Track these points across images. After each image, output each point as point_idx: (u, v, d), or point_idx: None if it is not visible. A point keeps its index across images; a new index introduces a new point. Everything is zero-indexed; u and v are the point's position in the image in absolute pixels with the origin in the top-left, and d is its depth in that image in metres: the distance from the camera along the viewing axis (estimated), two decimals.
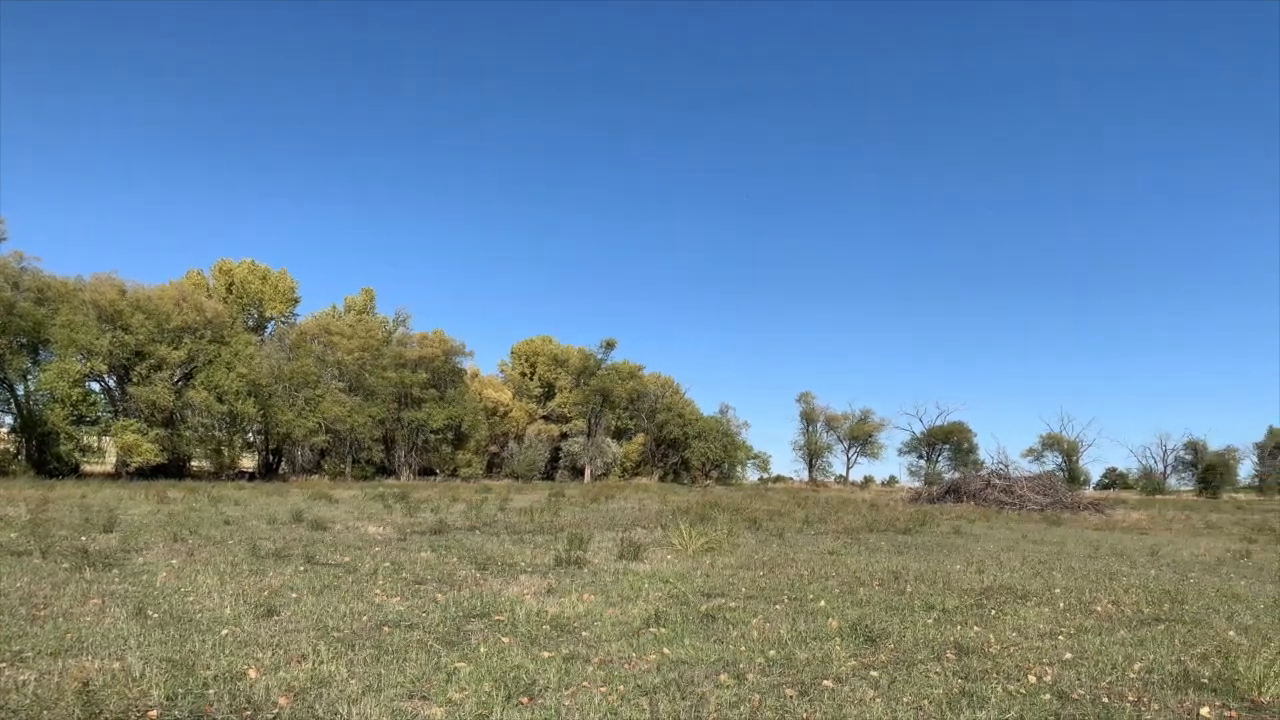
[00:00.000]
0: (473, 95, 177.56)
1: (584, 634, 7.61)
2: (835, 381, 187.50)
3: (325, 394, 60.75)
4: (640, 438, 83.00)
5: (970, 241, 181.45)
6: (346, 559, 12.49)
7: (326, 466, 64.83)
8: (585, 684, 5.95)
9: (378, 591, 9.63)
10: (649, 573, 11.65)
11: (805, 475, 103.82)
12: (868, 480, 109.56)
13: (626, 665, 6.52)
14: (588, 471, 76.67)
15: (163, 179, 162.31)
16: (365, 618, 8.11)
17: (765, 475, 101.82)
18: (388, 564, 11.98)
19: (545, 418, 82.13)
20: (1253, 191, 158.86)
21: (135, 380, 49.61)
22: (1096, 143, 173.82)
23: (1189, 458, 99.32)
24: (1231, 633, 8.68)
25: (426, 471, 70.83)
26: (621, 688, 5.88)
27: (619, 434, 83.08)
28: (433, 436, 68.86)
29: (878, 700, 5.74)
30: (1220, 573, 14.70)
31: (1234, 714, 5.67)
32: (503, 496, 34.33)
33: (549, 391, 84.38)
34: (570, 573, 11.52)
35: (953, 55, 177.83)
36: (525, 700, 5.57)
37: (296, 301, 73.59)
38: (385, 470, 68.69)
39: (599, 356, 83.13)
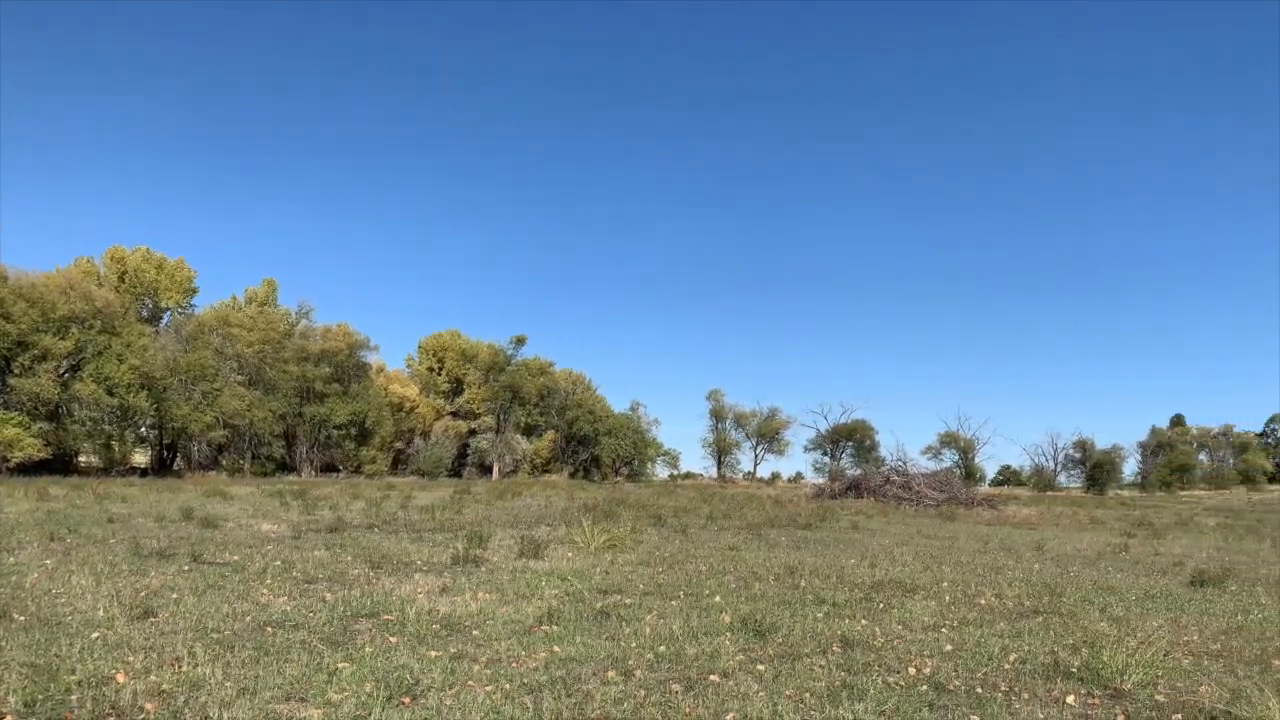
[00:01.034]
0: (379, 80, 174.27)
1: (475, 633, 7.52)
2: (744, 380, 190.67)
3: (224, 388, 58.89)
4: (550, 434, 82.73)
5: (873, 244, 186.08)
6: (235, 558, 12.11)
7: (225, 462, 62.90)
8: (470, 683, 5.88)
9: (264, 591, 9.36)
10: (548, 570, 11.60)
11: (714, 472, 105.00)
12: (775, 477, 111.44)
13: (514, 663, 6.46)
14: (496, 468, 76.07)
15: (54, 166, 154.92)
16: (248, 618, 7.86)
17: (675, 472, 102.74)
18: (278, 563, 11.66)
19: (453, 414, 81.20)
20: (1138, 198, 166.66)
21: (17, 372, 47.27)
22: (990, 146, 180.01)
23: (1078, 456, 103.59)
24: (1103, 624, 9.06)
25: (329, 468, 69.30)
26: (507, 686, 5.83)
27: (529, 431, 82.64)
28: (336, 432, 67.41)
29: (761, 693, 5.81)
30: (1099, 566, 15.34)
31: (1096, 701, 5.91)
32: (406, 494, 33.79)
33: (457, 387, 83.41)
34: (467, 571, 11.38)
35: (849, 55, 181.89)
36: (407, 700, 5.47)
37: (194, 292, 71.22)
38: (286, 467, 66.95)
39: (509, 352, 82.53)
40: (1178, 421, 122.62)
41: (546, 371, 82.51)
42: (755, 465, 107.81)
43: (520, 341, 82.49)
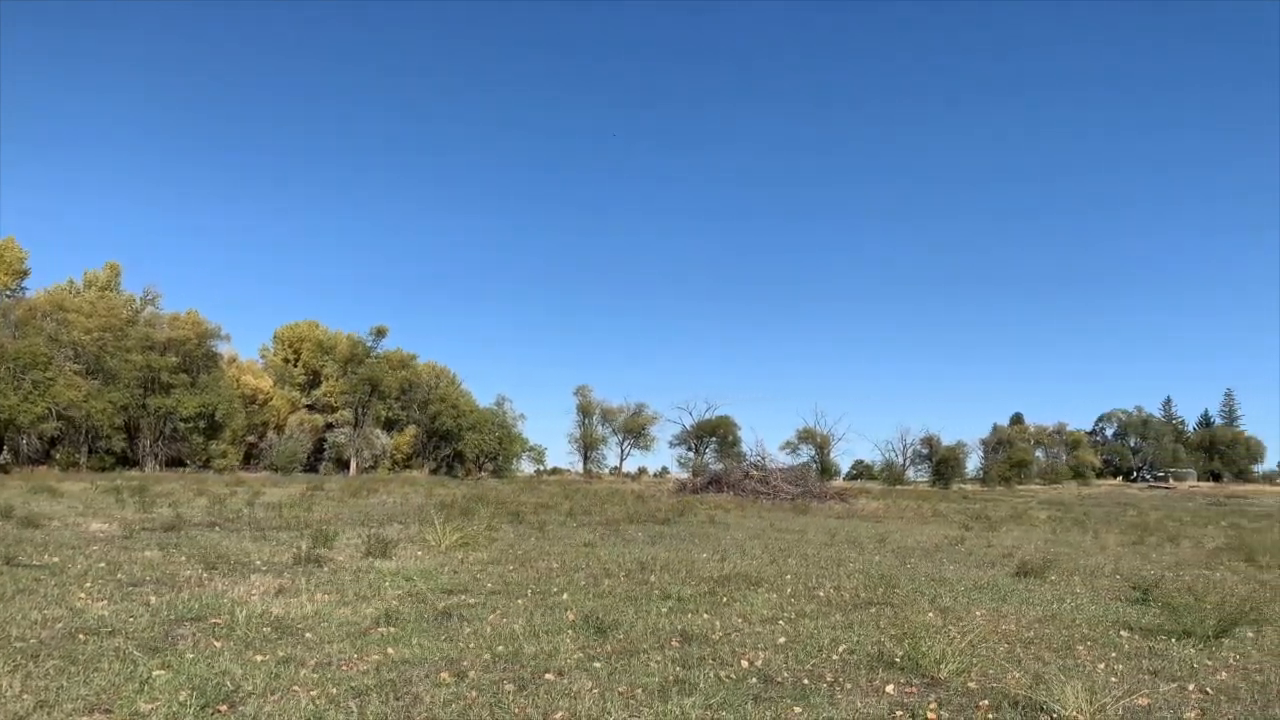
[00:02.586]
0: (237, 59, 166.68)
1: (307, 635, 7.28)
2: (613, 377, 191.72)
3: (58, 377, 55.20)
4: (412, 429, 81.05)
5: (735, 245, 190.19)
6: (55, 559, 11.35)
7: (58, 456, 58.92)
8: (295, 688, 5.69)
9: (82, 595, 8.80)
10: (394, 570, 11.34)
11: (581, 468, 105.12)
12: (641, 472, 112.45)
13: (344, 666, 6.29)
14: (353, 464, 74.03)
15: None
16: (59, 625, 7.38)
17: (541, 468, 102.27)
18: (102, 564, 10.99)
19: (310, 407, 78.55)
20: (985, 204, 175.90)
21: None
22: (848, 152, 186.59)
23: (925, 452, 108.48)
24: (930, 614, 9.50)
25: (176, 463, 65.94)
26: (333, 690, 5.66)
27: (389, 425, 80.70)
28: (183, 425, 64.18)
29: (594, 690, 5.84)
30: (935, 558, 16.07)
31: (914, 690, 6.19)
32: (255, 490, 32.44)
33: (314, 380, 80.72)
34: (308, 571, 11.01)
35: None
36: (224, 708, 5.24)
37: (24, 274, 66.47)
38: (128, 461, 63.35)
39: (369, 344, 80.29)
40: (1017, 420, 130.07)
41: (408, 364, 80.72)
42: (621, 461, 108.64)
43: (381, 333, 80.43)
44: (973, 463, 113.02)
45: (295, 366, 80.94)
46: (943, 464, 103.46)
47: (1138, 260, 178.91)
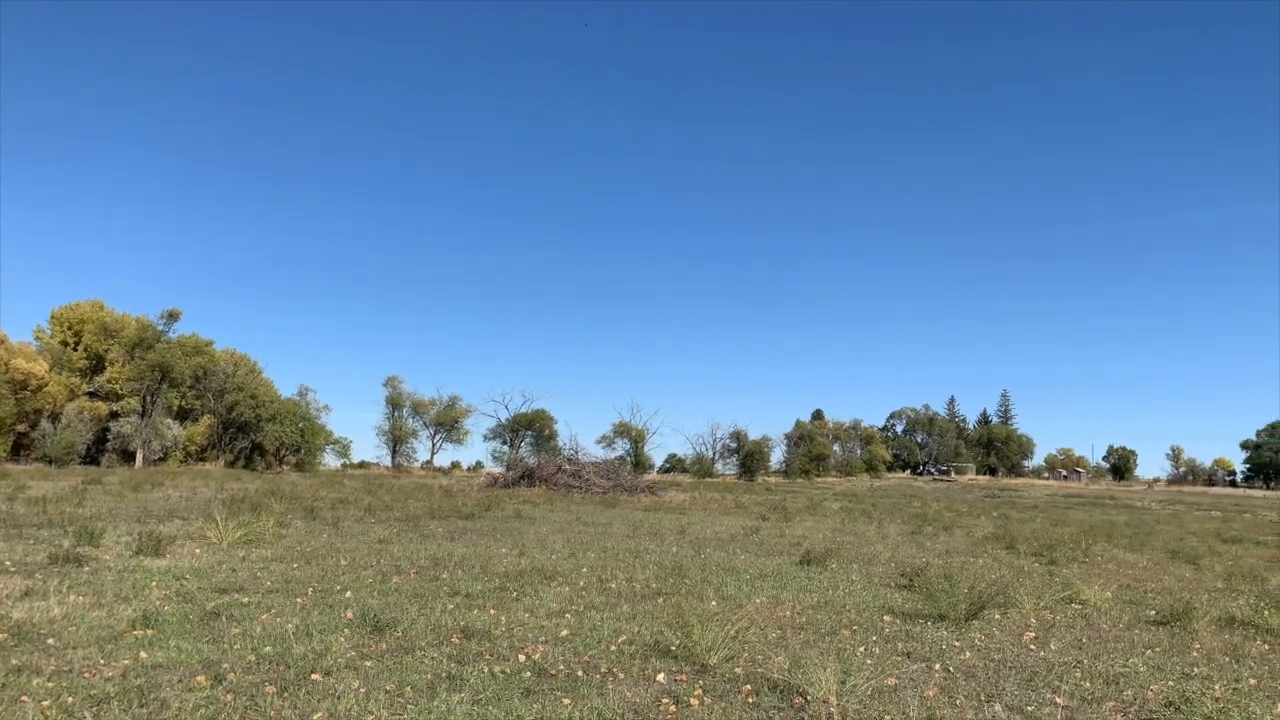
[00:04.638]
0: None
1: (50, 641, 6.72)
2: (424, 367, 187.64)
3: None
4: (207, 419, 76.37)
5: (551, 244, 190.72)
6: None
7: None
8: (24, 698, 5.24)
9: None
10: (164, 569, 10.65)
11: (389, 461, 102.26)
12: (454, 466, 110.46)
13: (87, 674, 5.84)
14: (140, 455, 69.01)
15: None
16: None
17: (347, 461, 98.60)
18: None
19: (91, 394, 72.55)
20: (801, 212, 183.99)
21: None
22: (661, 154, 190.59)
23: (734, 445, 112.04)
24: (714, 603, 9.82)
25: None
26: (69, 699, 5.25)
27: (183, 415, 75.70)
28: None
29: (361, 690, 5.68)
30: (729, 548, 16.65)
31: (684, 677, 6.38)
32: (19, 484, 29.69)
33: (98, 365, 74.58)
34: (65, 572, 10.17)
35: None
36: None
37: None
38: None
39: (160, 328, 74.87)
40: (818, 416, 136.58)
41: (204, 351, 75.86)
42: (433, 454, 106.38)
43: (173, 316, 75.06)
44: (777, 456, 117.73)
45: (75, 350, 74.50)
46: (749, 457, 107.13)
47: (926, 271, 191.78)
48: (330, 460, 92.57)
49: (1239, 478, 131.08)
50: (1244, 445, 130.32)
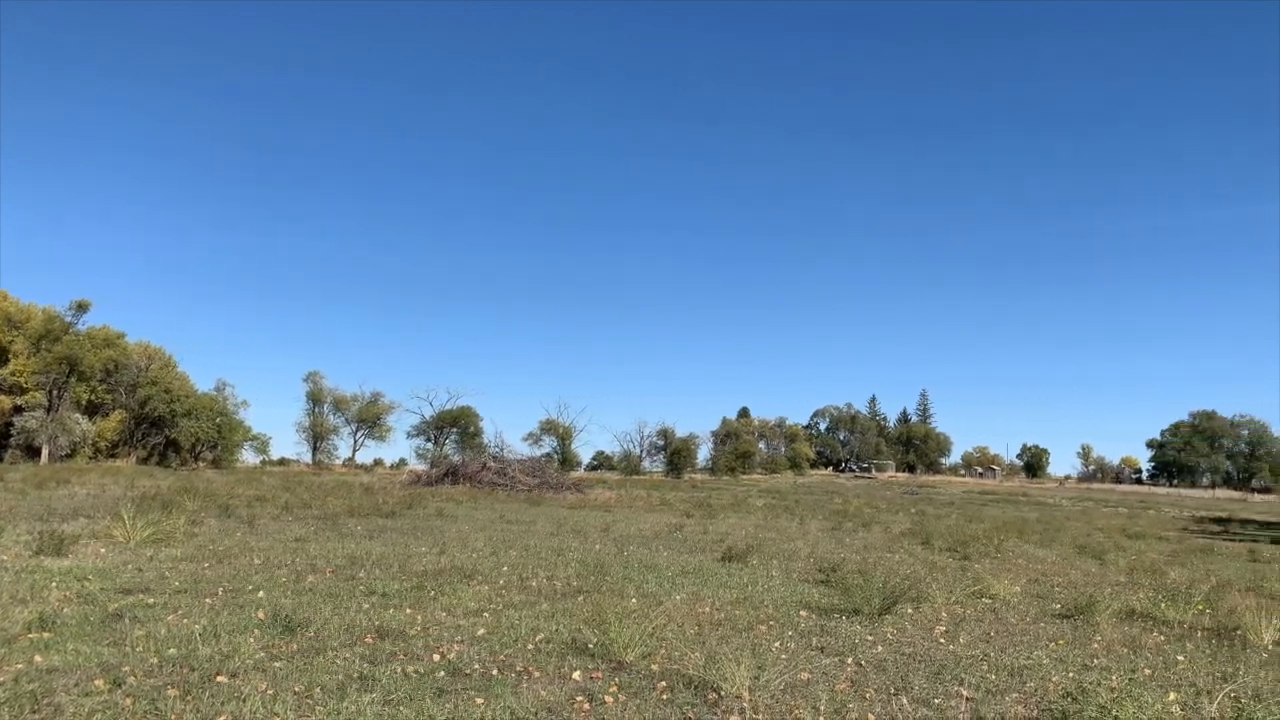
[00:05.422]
0: None
1: None
2: (347, 363, 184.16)
3: None
4: (118, 414, 73.77)
5: (476, 243, 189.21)
6: None
7: None
8: None
9: None
10: (66, 569, 10.27)
11: (310, 458, 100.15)
12: (377, 463, 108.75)
13: None
14: (46, 451, 66.38)
15: None
16: None
17: (266, 458, 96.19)
18: None
19: None
20: (721, 213, 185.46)
21: None
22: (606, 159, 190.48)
23: (661, 443, 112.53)
24: (634, 600, 9.84)
25: None
26: None
27: (92, 409, 72.97)
28: None
29: (268, 691, 5.55)
30: (653, 545, 16.70)
31: (600, 675, 6.38)
32: None
33: (1, 356, 71.49)
34: None
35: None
36: None
37: None
38: None
39: (68, 319, 72.09)
40: (744, 413, 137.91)
41: (115, 343, 73.18)
42: (354, 451, 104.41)
43: (82, 308, 72.24)
44: (703, 453, 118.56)
45: None
46: (676, 455, 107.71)
47: (850, 271, 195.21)
48: (249, 457, 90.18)
49: (1144, 475, 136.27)
50: (1149, 444, 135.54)
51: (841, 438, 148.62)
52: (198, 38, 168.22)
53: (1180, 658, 7.96)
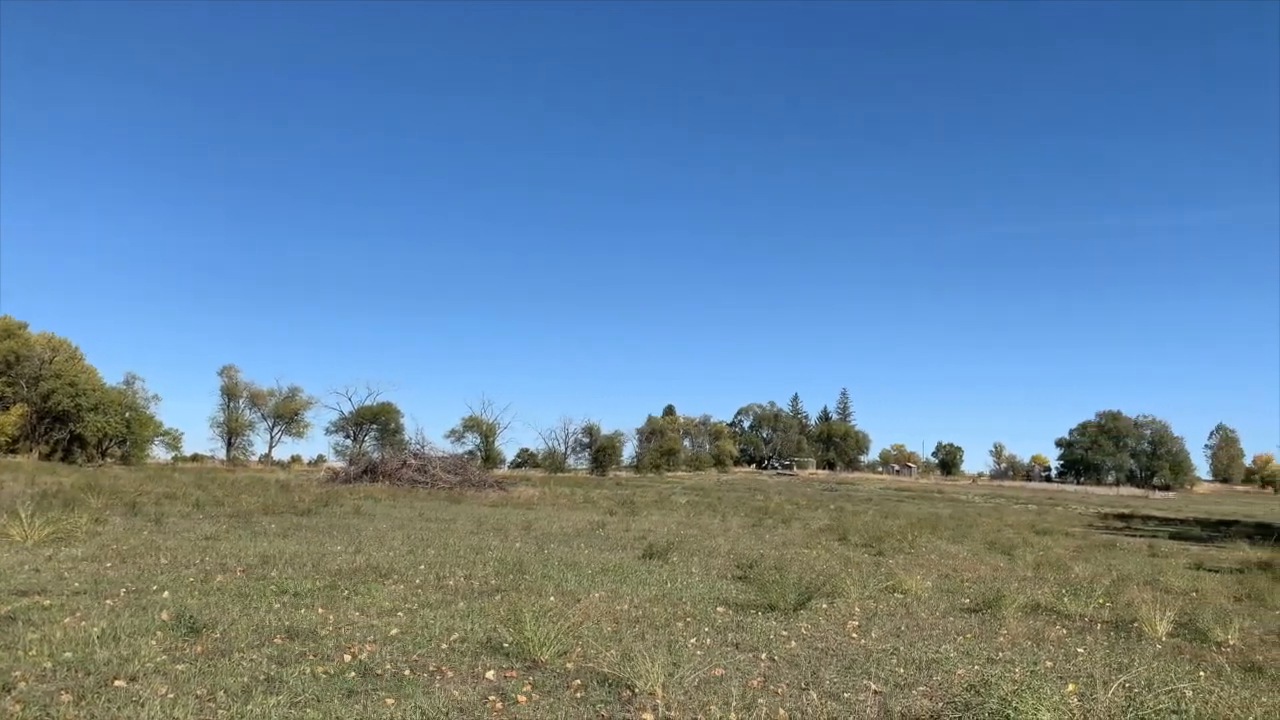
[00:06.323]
0: None
1: None
2: (264, 357, 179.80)
3: None
4: (20, 408, 70.82)
5: (398, 236, 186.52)
6: None
7: None
8: None
9: None
10: None
11: (224, 454, 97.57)
12: (294, 460, 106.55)
13: None
14: None
15: None
16: None
17: (178, 454, 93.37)
18: None
19: None
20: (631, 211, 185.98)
21: None
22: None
23: (586, 440, 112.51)
24: (552, 598, 9.81)
25: None
26: None
27: None
28: None
29: (168, 696, 5.39)
30: (574, 543, 16.65)
31: (514, 674, 6.34)
32: None
33: None
34: None
35: None
36: None
37: None
38: None
39: None
40: (669, 411, 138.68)
41: (16, 334, 70.28)
42: (271, 447, 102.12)
43: None
44: (629, 451, 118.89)
45: None
46: (601, 452, 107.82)
47: (775, 272, 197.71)
48: (160, 453, 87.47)
49: (1054, 473, 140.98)
50: (1058, 443, 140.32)
51: (765, 435, 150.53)
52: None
53: (1080, 650, 8.25)
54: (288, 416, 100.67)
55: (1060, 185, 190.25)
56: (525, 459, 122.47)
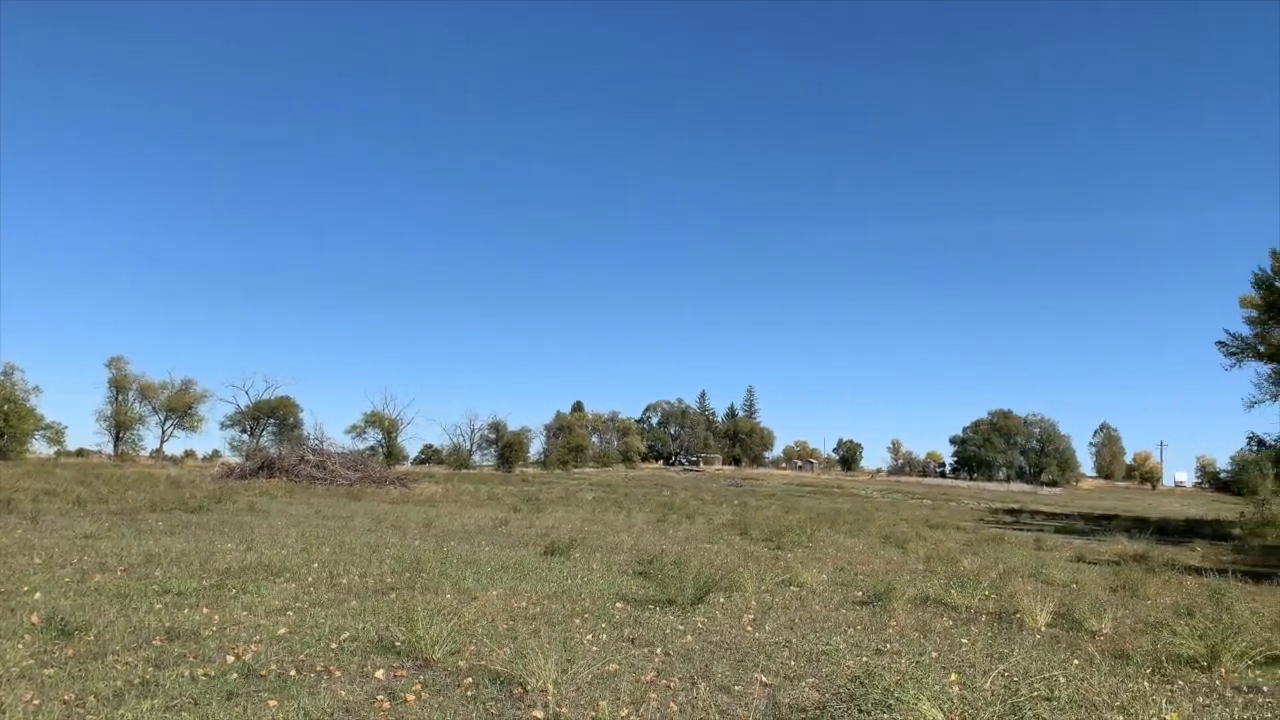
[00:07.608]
0: None
1: None
2: (155, 348, 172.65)
3: None
4: None
5: (302, 225, 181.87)
6: None
7: None
8: None
9: None
10: None
11: (112, 449, 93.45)
12: (188, 455, 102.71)
13: None
14: None
15: None
16: None
17: (61, 448, 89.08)
18: None
19: None
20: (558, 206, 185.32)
21: None
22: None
23: (492, 436, 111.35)
24: (449, 596, 9.71)
25: None
26: None
27: None
28: None
29: (33, 702, 5.14)
30: (475, 540, 16.48)
31: (405, 673, 6.24)
32: None
33: None
34: None
35: None
36: None
37: None
38: None
39: None
40: (578, 408, 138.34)
41: None
42: (163, 442, 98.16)
43: None
44: (536, 447, 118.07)
45: None
46: (508, 448, 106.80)
47: (683, 269, 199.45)
48: (41, 448, 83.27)
49: (948, 469, 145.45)
50: (952, 440, 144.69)
51: (672, 432, 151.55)
52: None
53: (965, 640, 8.53)
54: (181, 410, 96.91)
55: (962, 185, 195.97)
56: (430, 456, 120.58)
